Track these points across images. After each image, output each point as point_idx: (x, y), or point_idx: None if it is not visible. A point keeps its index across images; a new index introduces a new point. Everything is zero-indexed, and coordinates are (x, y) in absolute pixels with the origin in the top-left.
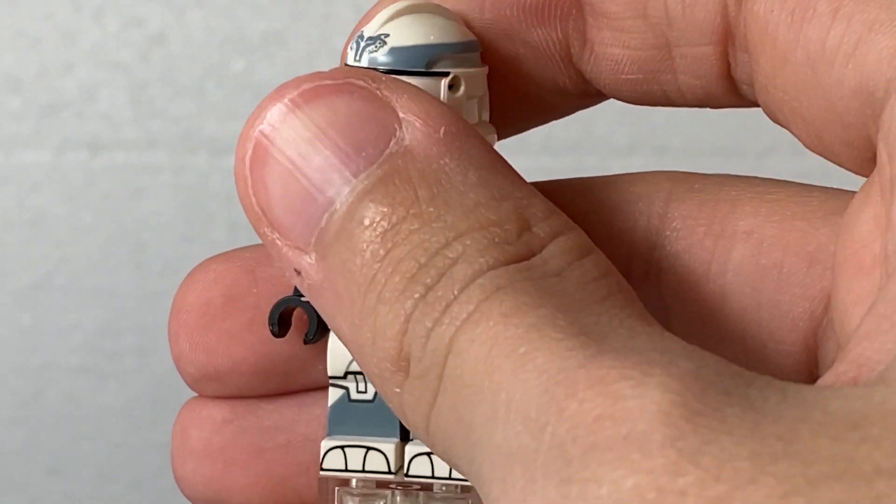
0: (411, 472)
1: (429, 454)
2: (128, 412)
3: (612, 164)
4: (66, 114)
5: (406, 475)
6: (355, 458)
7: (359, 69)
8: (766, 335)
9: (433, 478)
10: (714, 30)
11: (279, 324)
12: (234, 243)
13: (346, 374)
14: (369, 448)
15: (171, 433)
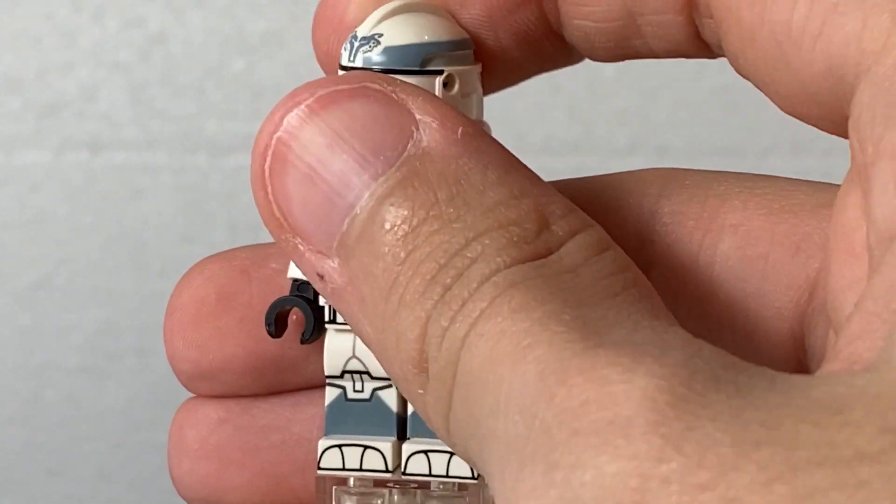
0: (409, 471)
1: (426, 452)
2: (128, 412)
3: (612, 164)
4: (66, 114)
5: (403, 474)
6: (352, 456)
7: (372, 73)
8: (752, 325)
9: (430, 476)
10: (675, 0)
11: (276, 324)
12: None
13: (343, 373)
14: (366, 447)
15: (168, 433)
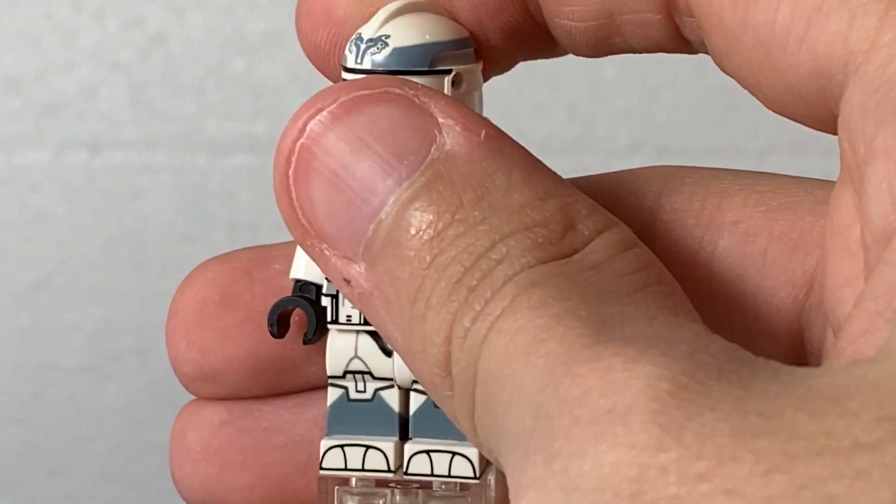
0: (410, 471)
1: (428, 452)
2: (128, 412)
3: (612, 164)
4: (66, 114)
5: (405, 474)
6: (354, 457)
7: (393, 77)
8: (751, 322)
9: (432, 476)
10: (653, 0)
11: (278, 324)
12: (233, 243)
13: (345, 373)
14: (368, 447)
15: (170, 436)
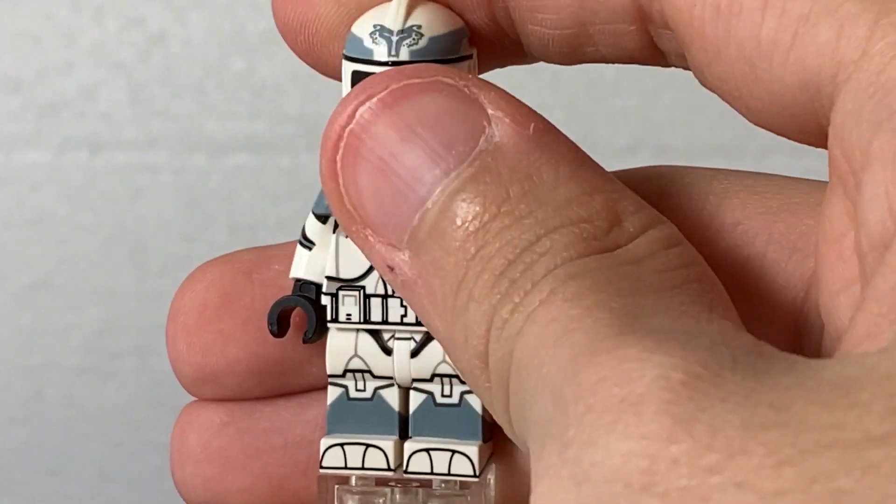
0: (410, 469)
1: (428, 451)
2: (128, 412)
3: (612, 164)
4: (66, 114)
5: (405, 472)
6: (354, 455)
7: (444, 66)
8: (749, 323)
9: (432, 474)
10: (628, 11)
11: (278, 323)
12: (233, 243)
13: (345, 372)
14: (368, 445)
15: (170, 437)
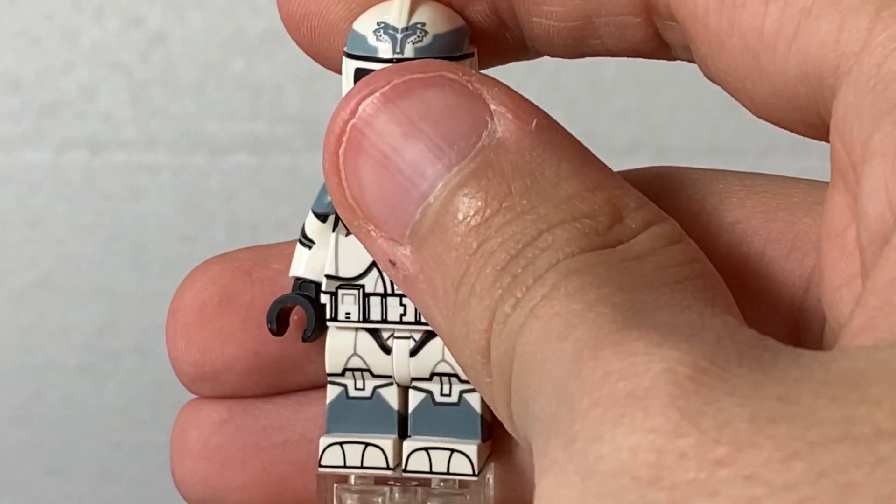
0: (409, 468)
1: (427, 450)
2: (128, 412)
3: (612, 164)
4: (66, 114)
5: (404, 471)
6: (353, 454)
7: (447, 62)
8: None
9: (431, 473)
10: (634, 3)
11: (277, 322)
12: (233, 243)
13: (344, 371)
14: (367, 444)
15: (171, 434)
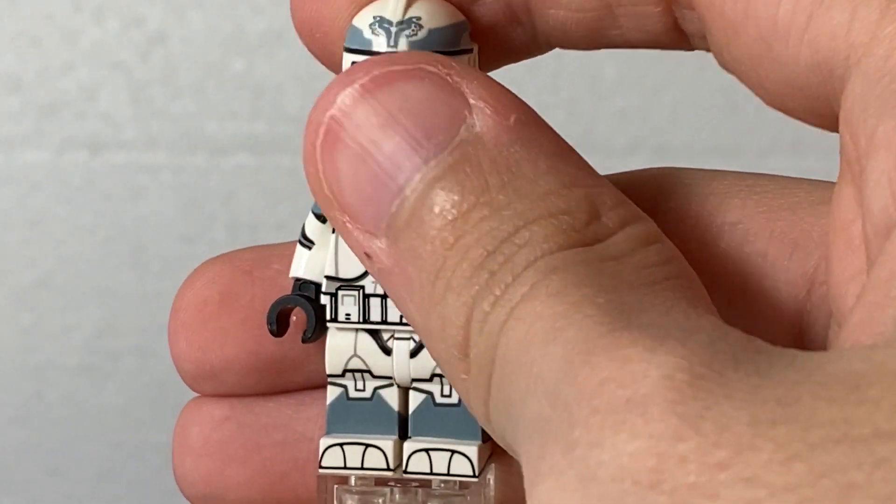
0: (410, 469)
1: (427, 451)
2: (128, 412)
3: (612, 164)
4: (66, 114)
5: (405, 472)
6: (354, 455)
7: (429, 54)
8: (751, 323)
9: (432, 474)
10: None
11: (277, 323)
12: (233, 243)
13: (345, 372)
14: (368, 445)
15: (173, 431)
